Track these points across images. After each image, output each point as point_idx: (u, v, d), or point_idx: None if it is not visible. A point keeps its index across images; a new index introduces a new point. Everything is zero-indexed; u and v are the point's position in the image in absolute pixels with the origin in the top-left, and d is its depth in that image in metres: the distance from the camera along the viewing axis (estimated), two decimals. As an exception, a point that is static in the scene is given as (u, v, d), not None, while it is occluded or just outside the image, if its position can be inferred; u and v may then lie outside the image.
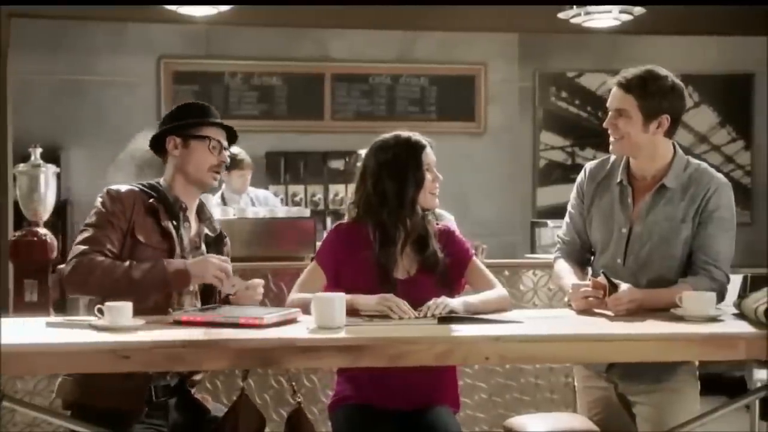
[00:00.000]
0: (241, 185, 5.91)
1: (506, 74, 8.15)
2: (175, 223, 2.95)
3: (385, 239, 3.08)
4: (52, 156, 4.00)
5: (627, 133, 2.97)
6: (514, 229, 8.04)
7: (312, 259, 3.20)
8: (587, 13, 4.94)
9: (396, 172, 3.10)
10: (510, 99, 8.18)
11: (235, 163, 5.57)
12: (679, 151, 3.07)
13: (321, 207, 7.78)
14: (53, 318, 2.66)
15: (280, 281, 4.13)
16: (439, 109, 8.04)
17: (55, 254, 3.78)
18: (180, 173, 3.01)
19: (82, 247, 2.82)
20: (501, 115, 8.12)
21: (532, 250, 6.73)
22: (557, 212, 8.07)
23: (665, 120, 2.97)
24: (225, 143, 3.05)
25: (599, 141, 8.23)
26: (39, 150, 3.86)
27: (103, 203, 2.91)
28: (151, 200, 2.94)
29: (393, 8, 6.50)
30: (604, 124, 3.03)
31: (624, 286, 2.86)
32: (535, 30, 7.43)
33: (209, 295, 3.02)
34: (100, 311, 2.56)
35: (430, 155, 3.16)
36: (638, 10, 4.95)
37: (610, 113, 3.02)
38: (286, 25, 7.39)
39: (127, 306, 2.56)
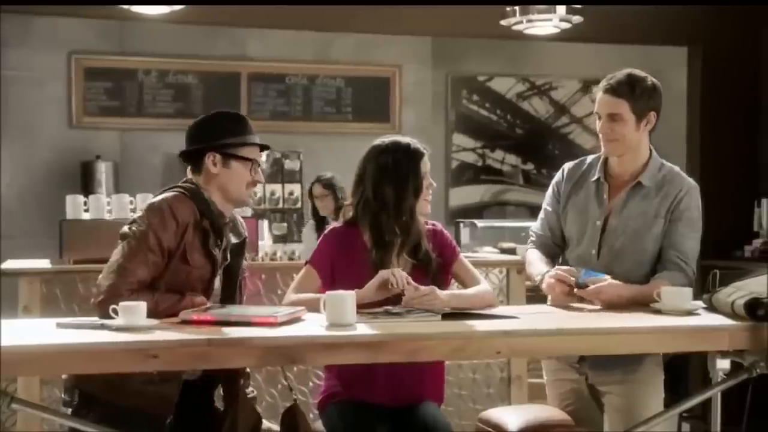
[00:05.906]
0: None
1: (420, 77, 8.27)
2: (219, 242, 2.90)
3: (381, 243, 3.13)
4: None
5: (623, 134, 3.15)
6: (427, 229, 8.15)
7: (306, 263, 3.20)
8: (529, 21, 5.11)
9: (396, 177, 3.14)
10: (423, 101, 8.31)
11: None
12: (655, 153, 3.28)
13: (239, 206, 7.74)
14: (62, 319, 2.62)
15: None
16: (355, 110, 8.09)
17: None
18: (219, 190, 2.94)
19: (111, 282, 2.74)
20: (415, 116, 8.23)
21: (458, 249, 6.87)
22: (469, 212, 8.28)
23: (652, 117, 3.19)
24: (261, 161, 3.04)
25: (509, 143, 8.57)
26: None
27: (150, 222, 2.79)
28: (204, 221, 2.86)
29: (310, 8, 6.51)
30: (599, 130, 3.20)
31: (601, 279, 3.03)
32: (449, 34, 7.57)
33: (229, 297, 3.00)
34: (115, 311, 2.54)
35: (427, 163, 3.21)
36: (576, 18, 5.16)
37: (602, 118, 3.18)
38: (203, 23, 7.27)
39: (142, 306, 2.55)
